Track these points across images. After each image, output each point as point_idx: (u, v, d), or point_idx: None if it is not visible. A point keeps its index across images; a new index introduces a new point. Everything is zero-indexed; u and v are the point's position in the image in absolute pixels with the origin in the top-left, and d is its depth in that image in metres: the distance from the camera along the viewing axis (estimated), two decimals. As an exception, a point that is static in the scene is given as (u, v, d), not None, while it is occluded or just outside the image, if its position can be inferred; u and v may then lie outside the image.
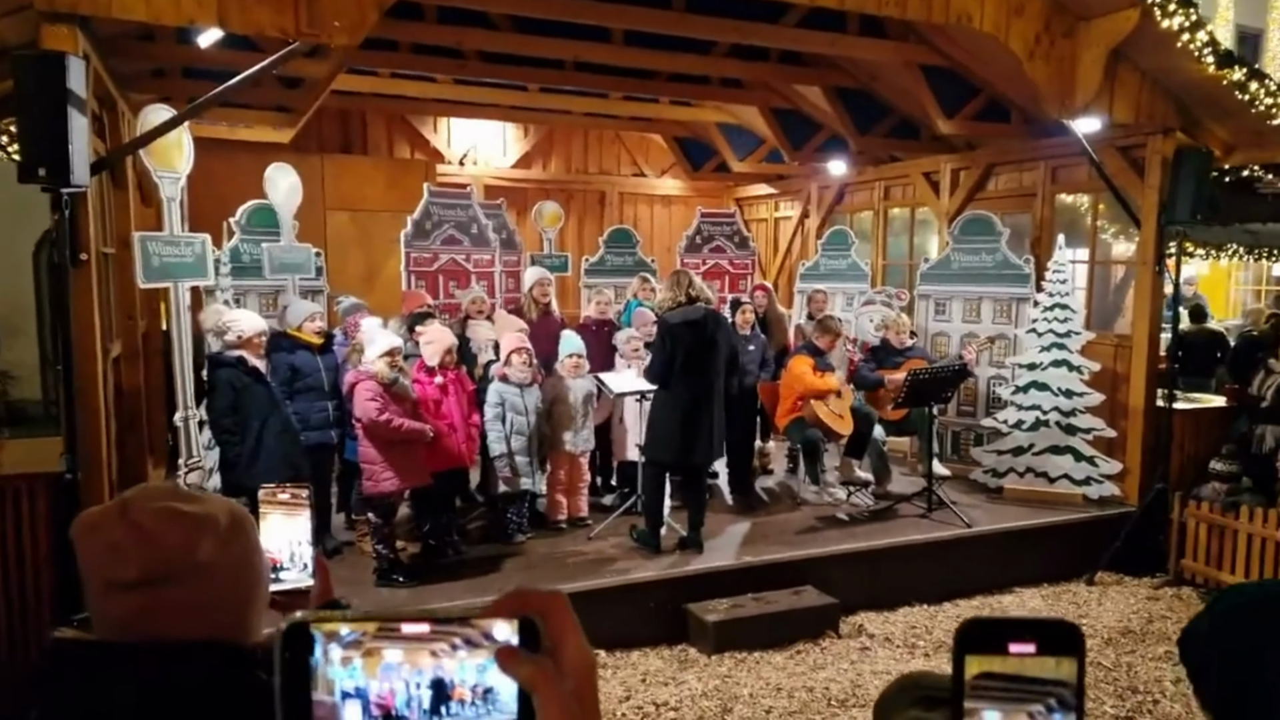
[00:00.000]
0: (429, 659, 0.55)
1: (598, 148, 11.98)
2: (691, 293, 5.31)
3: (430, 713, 0.55)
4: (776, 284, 10.69)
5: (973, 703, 0.52)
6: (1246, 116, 6.42)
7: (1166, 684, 4.93)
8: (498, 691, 0.55)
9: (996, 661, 0.53)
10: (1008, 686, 0.52)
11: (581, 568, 5.33)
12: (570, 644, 0.57)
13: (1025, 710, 0.52)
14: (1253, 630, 1.08)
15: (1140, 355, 6.99)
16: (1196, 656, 1.14)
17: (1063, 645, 0.53)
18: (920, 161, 9.03)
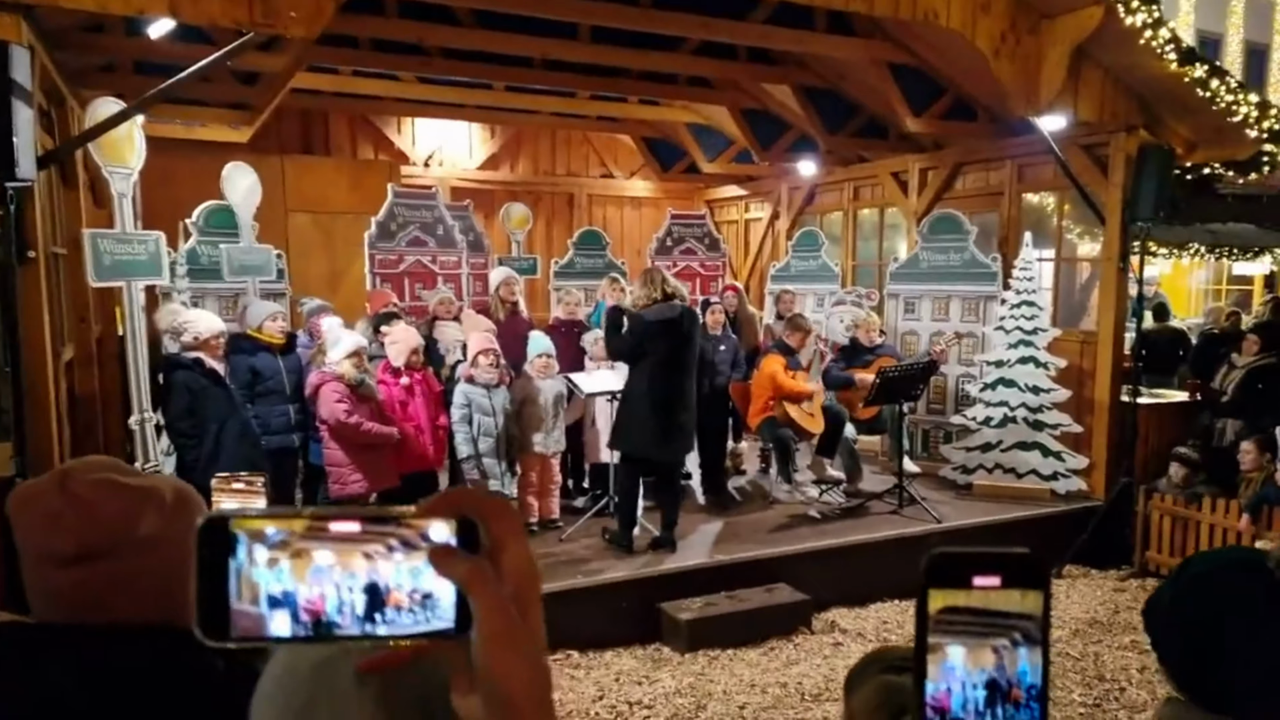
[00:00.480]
0: (363, 561, 0.52)
1: (566, 149, 11.96)
2: (666, 289, 5.30)
3: (364, 619, 0.52)
4: (748, 286, 10.74)
5: (937, 638, 0.51)
6: (1207, 114, 6.56)
7: (1133, 672, 5.01)
8: (437, 597, 0.52)
9: (961, 595, 0.51)
10: (972, 621, 0.51)
11: (554, 569, 5.29)
12: (512, 549, 0.54)
13: (990, 644, 0.51)
14: (1213, 598, 1.09)
15: (1105, 351, 7.12)
16: (1160, 626, 1.16)
17: (1028, 578, 0.52)
18: (888, 161, 9.12)
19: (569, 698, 4.48)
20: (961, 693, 0.51)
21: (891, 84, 7.40)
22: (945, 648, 0.51)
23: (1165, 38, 6.11)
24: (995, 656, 0.51)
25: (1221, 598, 1.09)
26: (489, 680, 0.52)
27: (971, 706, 0.51)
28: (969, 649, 0.51)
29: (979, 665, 0.51)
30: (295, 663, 0.72)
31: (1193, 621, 1.11)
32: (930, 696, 0.51)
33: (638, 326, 5.29)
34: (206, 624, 0.51)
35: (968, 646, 0.51)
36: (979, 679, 0.51)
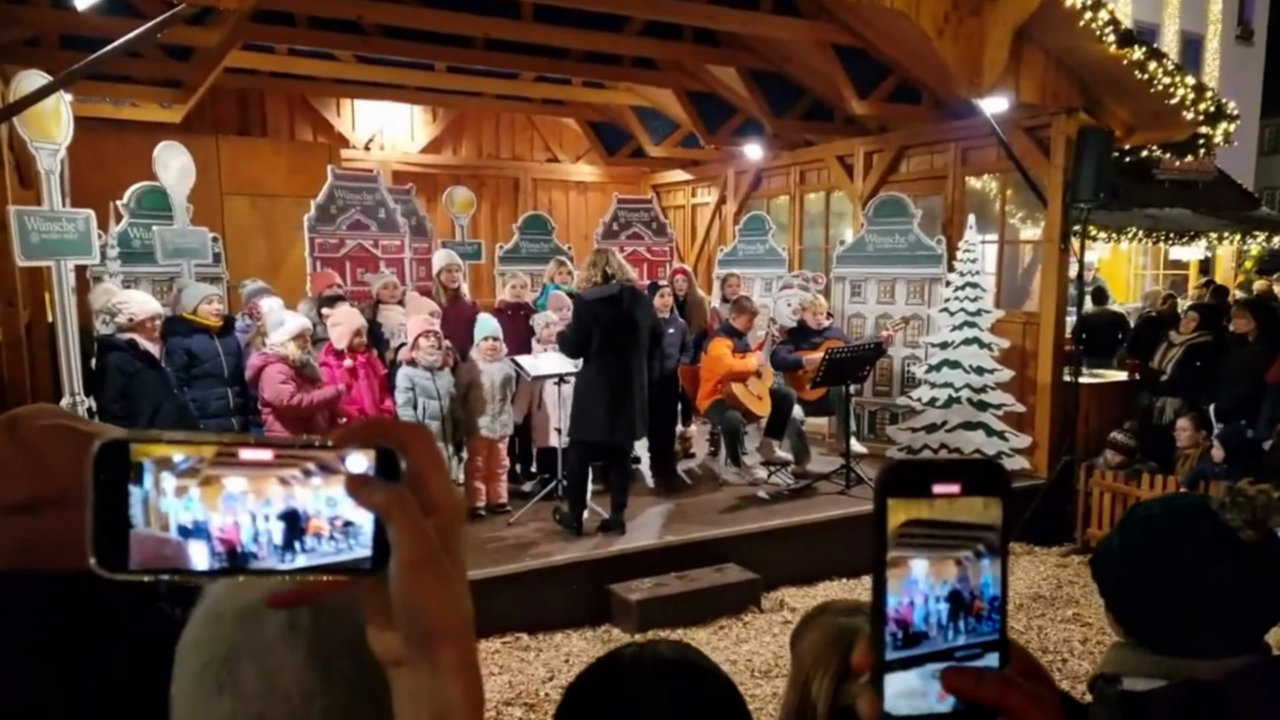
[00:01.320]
0: (279, 488, 0.50)
1: (510, 132, 11.89)
2: (609, 271, 5.33)
3: (283, 548, 0.50)
4: (696, 271, 10.80)
5: (900, 552, 0.50)
6: (1145, 96, 6.78)
7: (1075, 644, 5.20)
8: (359, 525, 0.51)
9: (923, 507, 0.50)
10: (935, 533, 0.51)
11: (502, 552, 5.29)
12: (434, 481, 0.53)
13: (954, 556, 0.51)
14: (1159, 542, 1.14)
15: (1047, 332, 7.34)
16: (1108, 573, 1.20)
17: (988, 485, 0.52)
18: (834, 145, 9.26)
19: (519, 680, 4.49)
20: (924, 606, 0.51)
21: (837, 66, 7.51)
22: (908, 561, 0.50)
23: (1105, 20, 6.31)
24: (958, 568, 0.51)
25: (1169, 541, 1.13)
26: (408, 611, 0.51)
27: (935, 620, 0.51)
28: (932, 562, 0.51)
29: (942, 578, 0.51)
30: (220, 610, 0.70)
31: (1141, 565, 1.15)
32: (893, 611, 0.51)
33: (579, 309, 5.34)
34: (102, 554, 0.48)
35: (930, 559, 0.51)
36: (942, 592, 0.51)
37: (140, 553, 0.49)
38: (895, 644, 0.51)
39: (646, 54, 8.51)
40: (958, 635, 0.52)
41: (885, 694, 0.51)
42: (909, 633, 0.51)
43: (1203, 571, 1.09)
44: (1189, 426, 6.83)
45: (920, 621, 0.51)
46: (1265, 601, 1.11)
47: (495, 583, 4.92)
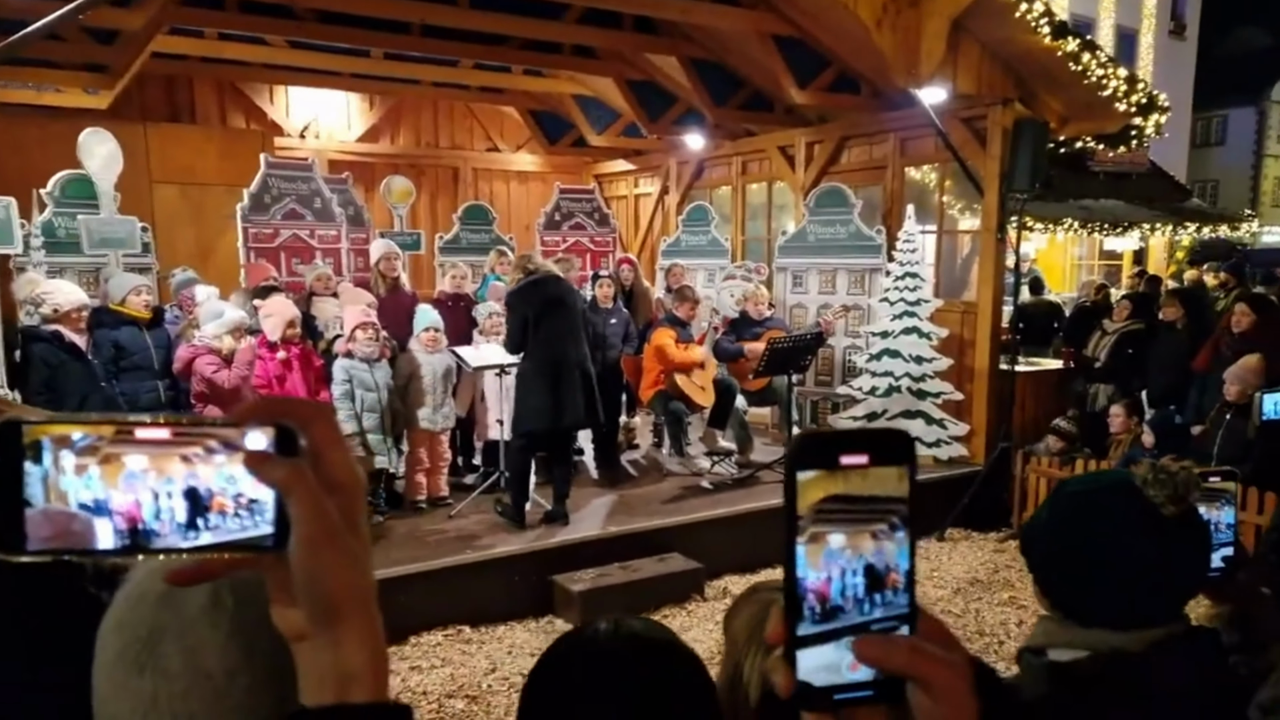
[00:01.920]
0: (180, 465, 0.50)
1: (449, 121, 11.80)
2: (529, 266, 5.43)
3: (186, 526, 0.50)
4: (639, 261, 10.87)
5: (818, 527, 0.51)
6: (1079, 88, 7.01)
7: (1011, 626, 5.39)
8: (264, 503, 0.51)
9: (838, 482, 0.51)
10: (849, 507, 0.52)
11: (444, 545, 5.30)
12: (333, 457, 0.53)
13: (869, 529, 0.52)
14: (1084, 516, 1.20)
15: (985, 321, 7.55)
16: (1038, 546, 1.26)
17: (895, 455, 0.53)
18: (775, 135, 9.39)
19: (460, 672, 4.51)
20: (841, 580, 0.52)
21: (776, 56, 7.62)
22: (826, 536, 0.51)
23: (1039, 12, 6.51)
24: (875, 541, 0.52)
25: (1094, 516, 1.19)
26: (309, 585, 0.51)
27: (851, 594, 0.52)
28: (849, 535, 0.52)
29: (859, 551, 0.52)
30: (144, 591, 0.71)
31: (1066, 540, 1.21)
32: (812, 585, 0.51)
33: (509, 299, 5.43)
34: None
35: (848, 533, 0.52)
36: (858, 565, 0.52)
37: (40, 533, 0.48)
38: (814, 618, 0.52)
39: (586, 42, 8.53)
40: (874, 608, 0.53)
41: (801, 667, 0.52)
42: (826, 607, 0.52)
43: (1125, 546, 1.15)
44: (1121, 412, 7.09)
45: (837, 595, 0.52)
46: (1184, 574, 1.18)
47: (436, 575, 4.93)
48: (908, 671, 0.52)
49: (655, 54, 8.78)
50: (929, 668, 0.52)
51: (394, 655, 4.70)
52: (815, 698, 0.52)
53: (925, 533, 6.84)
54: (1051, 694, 1.15)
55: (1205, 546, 1.19)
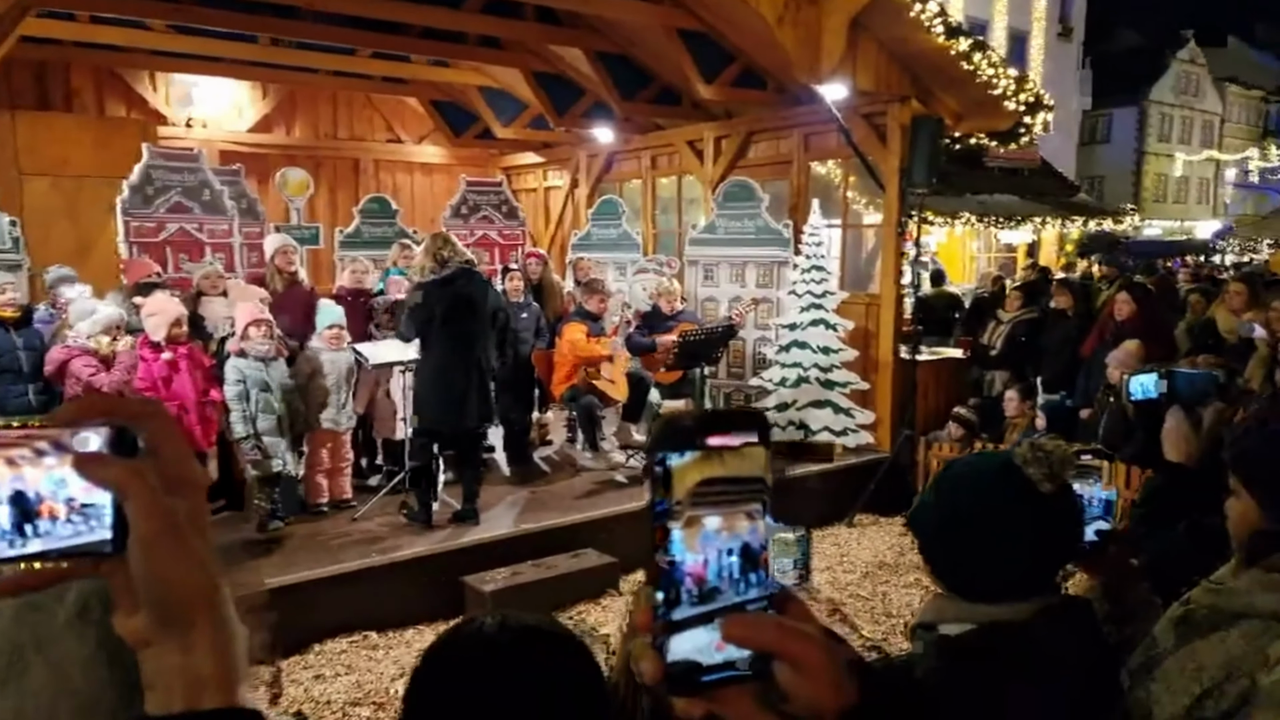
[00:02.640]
0: (5, 469, 0.48)
1: (348, 111, 11.50)
2: (443, 254, 5.29)
3: (14, 531, 0.48)
4: (550, 255, 10.82)
5: (695, 510, 0.52)
6: (971, 86, 7.32)
7: (917, 606, 5.59)
8: (100, 506, 0.49)
9: (713, 465, 0.52)
10: (725, 489, 0.52)
11: (348, 548, 5.18)
12: (169, 452, 0.52)
13: (744, 510, 0.53)
14: (966, 495, 1.27)
15: (887, 312, 7.82)
16: (924, 525, 1.32)
17: (754, 433, 0.54)
18: (684, 130, 9.49)
19: (366, 679, 4.41)
20: (717, 562, 0.52)
21: (682, 50, 7.70)
22: (702, 519, 0.52)
23: (933, 12, 6.77)
24: (748, 521, 0.53)
25: (975, 495, 1.26)
26: (151, 588, 0.50)
27: (727, 574, 0.53)
28: (726, 517, 0.52)
29: (733, 532, 0.53)
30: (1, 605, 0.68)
31: (952, 518, 1.27)
32: (688, 569, 0.52)
33: (412, 293, 5.32)
34: None
35: (724, 515, 0.52)
36: (733, 545, 0.53)
37: None
38: (691, 600, 0.52)
39: (489, 32, 8.43)
40: (749, 589, 0.54)
41: (672, 651, 0.52)
42: (704, 589, 0.52)
43: (1004, 521, 1.22)
44: (1016, 398, 7.44)
45: (714, 577, 0.52)
46: (1060, 547, 1.26)
47: (339, 580, 4.81)
48: (774, 649, 0.53)
49: (561, 46, 8.74)
50: (795, 644, 0.53)
51: (296, 664, 4.57)
52: (684, 682, 0.52)
53: (835, 519, 7.04)
54: (941, 667, 1.21)
55: (1078, 521, 1.27)
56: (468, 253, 5.51)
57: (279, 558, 5.10)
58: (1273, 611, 0.99)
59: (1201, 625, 1.05)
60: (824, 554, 6.39)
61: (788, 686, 0.53)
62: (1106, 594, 1.41)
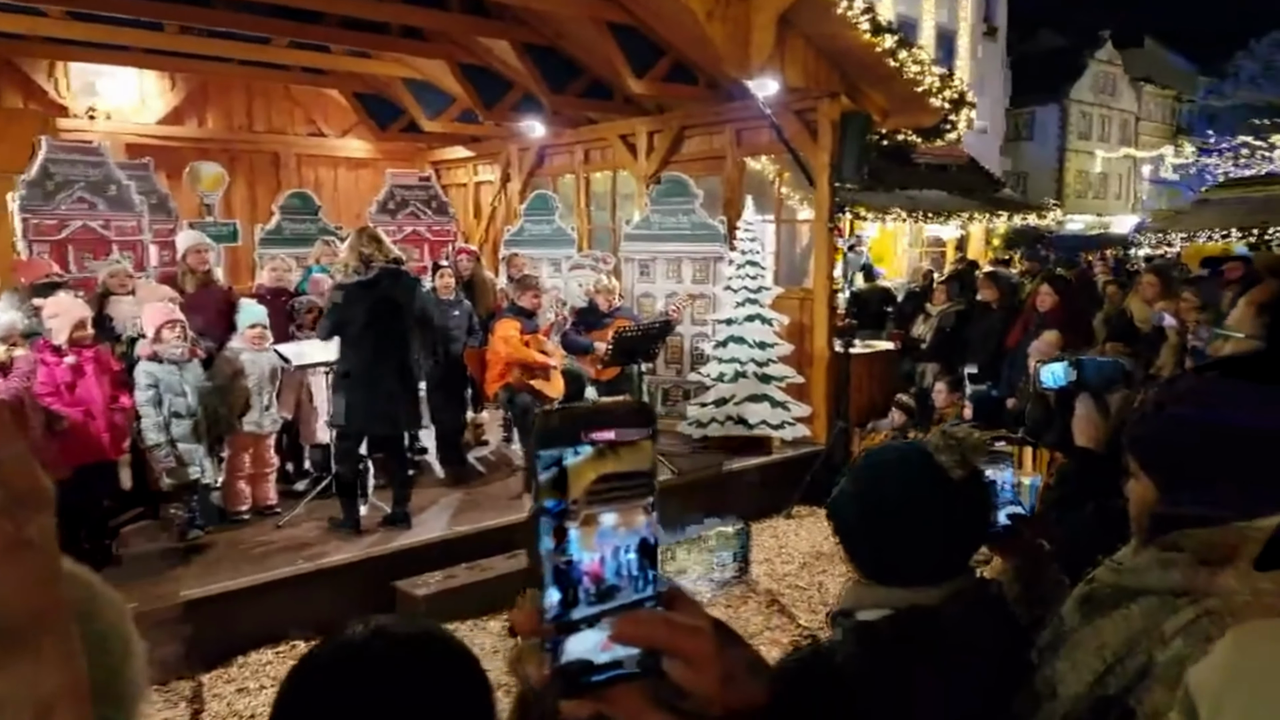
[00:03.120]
0: None
1: (265, 103, 11.21)
2: (365, 252, 5.18)
3: None
4: (481, 251, 10.73)
5: (590, 509, 0.52)
6: (898, 83, 7.50)
7: (851, 596, 5.73)
8: None
9: (608, 462, 0.52)
10: (619, 486, 0.52)
11: (272, 556, 5.07)
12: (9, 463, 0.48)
13: (640, 505, 0.53)
14: (880, 483, 1.31)
15: (821, 306, 7.96)
16: (841, 513, 1.36)
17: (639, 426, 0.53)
18: (616, 124, 9.50)
19: (294, 691, 4.32)
20: (615, 559, 0.53)
21: (612, 44, 7.71)
22: (599, 517, 0.52)
23: (860, 9, 6.91)
24: (644, 516, 0.54)
25: (889, 482, 1.30)
26: None
27: (626, 571, 0.53)
28: (622, 513, 0.53)
29: (630, 528, 0.53)
30: None
31: (867, 504, 1.31)
32: (585, 569, 0.52)
33: (332, 294, 5.22)
34: None
35: (620, 510, 0.53)
36: (630, 541, 0.53)
37: None
38: (589, 600, 0.52)
39: (413, 23, 8.30)
40: (647, 585, 0.54)
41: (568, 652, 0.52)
42: (601, 588, 0.52)
43: (916, 506, 1.27)
44: (944, 389, 7.65)
45: (612, 574, 0.53)
46: (971, 531, 1.31)
47: (263, 589, 4.70)
48: (662, 646, 0.53)
49: (488, 38, 8.66)
50: (681, 639, 0.53)
51: (218, 678, 4.46)
52: (571, 682, 0.52)
53: (774, 511, 7.14)
54: (859, 652, 1.25)
55: (989, 505, 1.33)
56: (395, 250, 5.41)
57: (199, 568, 4.95)
58: (1169, 588, 1.04)
59: (1104, 603, 1.10)
60: (763, 546, 6.50)
61: (680, 681, 0.54)
62: (1019, 576, 1.47)
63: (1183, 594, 1.03)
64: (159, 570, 4.90)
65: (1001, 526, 1.43)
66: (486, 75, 9.46)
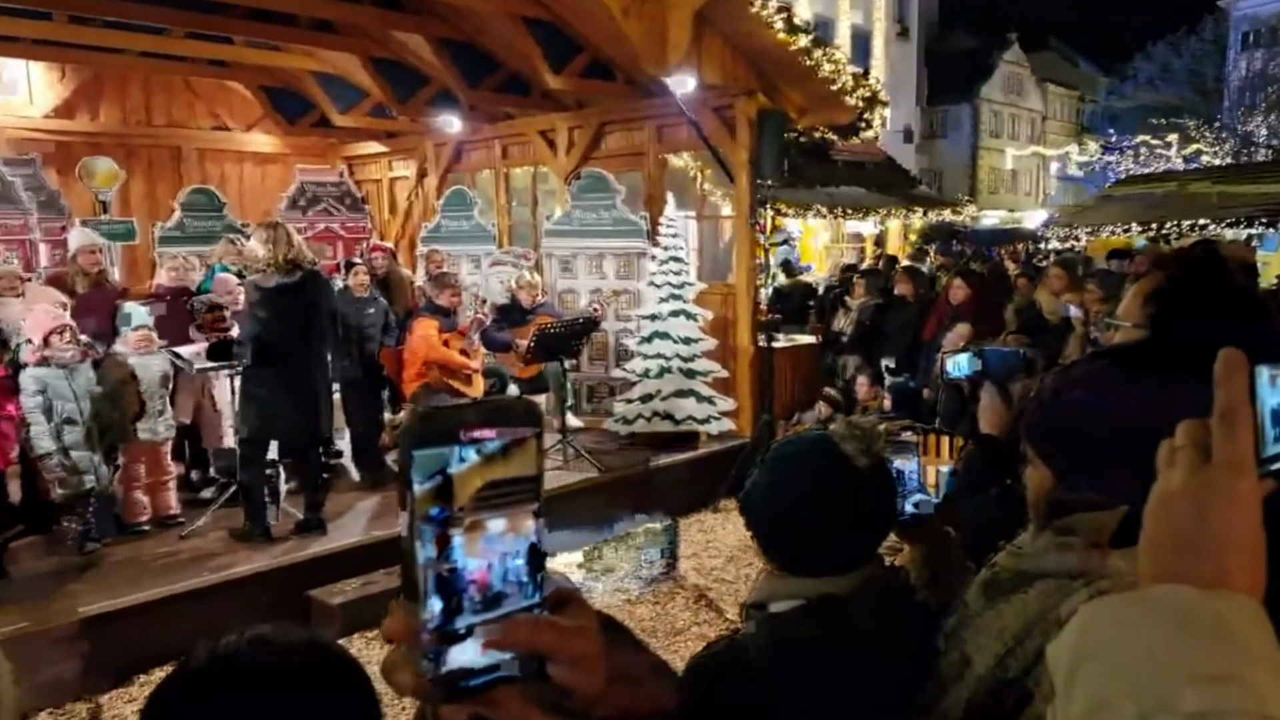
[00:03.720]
0: None
1: (164, 96, 10.74)
2: (290, 254, 4.99)
3: None
4: (398, 248, 10.53)
5: (475, 515, 0.50)
6: (813, 81, 7.62)
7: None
8: None
9: (495, 466, 0.50)
10: (507, 489, 0.51)
11: (176, 568, 4.86)
12: None
13: (528, 509, 0.52)
14: (789, 474, 1.31)
15: (744, 301, 8.05)
16: (751, 505, 1.36)
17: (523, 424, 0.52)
18: (536, 120, 9.43)
19: (201, 709, 4.16)
20: (502, 565, 0.51)
21: (529, 39, 7.63)
22: (485, 523, 0.50)
23: (774, 8, 7.00)
24: (532, 521, 0.52)
25: (797, 473, 1.31)
26: None
27: (514, 577, 0.52)
28: (509, 518, 0.51)
29: (518, 533, 0.52)
30: None
31: (776, 495, 1.31)
32: (470, 577, 0.50)
33: (254, 297, 4.98)
34: None
35: (508, 516, 0.51)
36: (520, 547, 0.52)
37: None
38: (474, 608, 0.50)
39: (322, 15, 8.07)
40: (536, 591, 0.53)
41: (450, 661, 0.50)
42: (488, 595, 0.51)
43: (823, 496, 1.27)
44: (865, 382, 7.83)
45: (498, 581, 0.51)
46: (878, 519, 1.32)
47: (167, 604, 4.50)
48: (539, 649, 0.52)
49: (400, 31, 8.47)
50: (559, 641, 0.52)
51: (118, 698, 4.26)
52: (453, 690, 0.51)
53: (701, 506, 7.18)
54: (771, 644, 1.25)
55: (893, 493, 1.34)
56: (308, 254, 5.21)
57: (96, 583, 4.71)
58: (1066, 571, 1.07)
59: (1005, 587, 1.12)
60: (690, 541, 6.53)
61: (562, 682, 0.53)
62: (926, 563, 1.50)
63: (1078, 576, 1.05)
64: (54, 586, 4.66)
65: (908, 515, 1.45)
66: (400, 69, 9.26)
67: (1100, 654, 0.53)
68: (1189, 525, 0.55)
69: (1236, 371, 0.56)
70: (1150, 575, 0.57)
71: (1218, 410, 0.56)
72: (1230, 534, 0.54)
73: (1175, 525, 0.56)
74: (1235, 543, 0.54)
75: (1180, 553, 0.55)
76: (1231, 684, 0.48)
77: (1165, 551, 0.56)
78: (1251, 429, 0.56)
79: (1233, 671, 0.49)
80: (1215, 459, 0.55)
